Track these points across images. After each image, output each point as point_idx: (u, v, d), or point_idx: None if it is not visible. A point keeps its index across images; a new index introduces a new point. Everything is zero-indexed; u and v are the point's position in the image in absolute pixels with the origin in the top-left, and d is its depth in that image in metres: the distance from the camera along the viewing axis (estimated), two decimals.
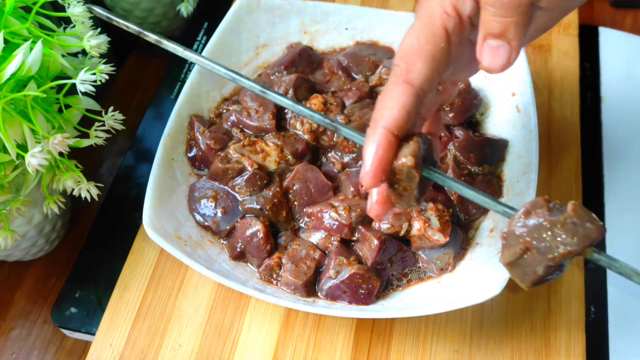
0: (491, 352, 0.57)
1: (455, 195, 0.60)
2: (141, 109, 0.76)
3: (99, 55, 0.55)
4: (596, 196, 0.67)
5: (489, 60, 0.40)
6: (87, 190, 0.56)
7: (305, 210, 0.60)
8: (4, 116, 0.49)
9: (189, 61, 0.72)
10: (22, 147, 0.50)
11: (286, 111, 0.65)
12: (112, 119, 0.57)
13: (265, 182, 0.60)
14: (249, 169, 0.60)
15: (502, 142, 0.63)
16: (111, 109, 0.57)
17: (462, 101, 0.65)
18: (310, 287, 0.57)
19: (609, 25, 0.80)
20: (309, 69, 0.70)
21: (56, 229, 0.65)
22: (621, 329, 0.59)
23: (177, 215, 0.60)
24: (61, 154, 0.53)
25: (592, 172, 0.69)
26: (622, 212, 0.66)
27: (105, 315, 0.60)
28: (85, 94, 0.54)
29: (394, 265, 0.58)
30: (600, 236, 0.38)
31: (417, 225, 0.57)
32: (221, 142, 0.63)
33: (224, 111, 0.67)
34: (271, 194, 0.59)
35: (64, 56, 0.55)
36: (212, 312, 0.60)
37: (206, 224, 0.60)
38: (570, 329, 0.58)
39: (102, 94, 0.64)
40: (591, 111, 0.73)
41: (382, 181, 0.41)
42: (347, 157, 0.62)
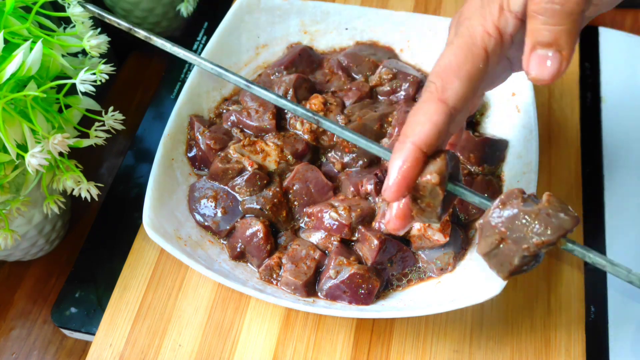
0: (491, 352, 0.57)
1: None
2: (141, 109, 0.76)
3: (99, 55, 0.55)
4: (596, 196, 0.67)
5: (538, 70, 0.38)
6: (87, 190, 0.56)
7: (305, 210, 0.60)
8: (4, 116, 0.49)
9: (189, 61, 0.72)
10: (22, 147, 0.50)
11: (286, 111, 0.65)
12: (112, 119, 0.57)
13: (265, 182, 0.60)
14: (249, 169, 0.60)
15: (502, 142, 0.63)
16: (111, 109, 0.57)
17: None
18: (310, 287, 0.57)
19: (609, 25, 0.80)
20: (309, 69, 0.70)
21: (56, 229, 0.65)
22: (621, 329, 0.59)
23: (177, 215, 0.60)
24: (61, 154, 0.53)
25: (592, 172, 0.68)
26: (622, 212, 0.66)
27: (105, 315, 0.60)
28: (85, 94, 0.54)
29: (394, 265, 0.58)
30: (573, 226, 0.38)
31: (417, 225, 0.57)
32: (221, 142, 0.63)
33: (224, 111, 0.67)
34: (271, 194, 0.59)
35: (64, 56, 0.55)
36: (212, 312, 0.60)
37: (206, 224, 0.60)
38: (570, 329, 0.58)
39: (102, 94, 0.64)
40: (591, 111, 0.73)
41: (404, 196, 0.41)
42: (347, 157, 0.62)
